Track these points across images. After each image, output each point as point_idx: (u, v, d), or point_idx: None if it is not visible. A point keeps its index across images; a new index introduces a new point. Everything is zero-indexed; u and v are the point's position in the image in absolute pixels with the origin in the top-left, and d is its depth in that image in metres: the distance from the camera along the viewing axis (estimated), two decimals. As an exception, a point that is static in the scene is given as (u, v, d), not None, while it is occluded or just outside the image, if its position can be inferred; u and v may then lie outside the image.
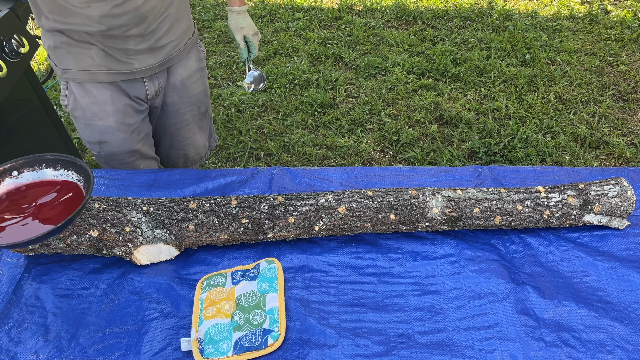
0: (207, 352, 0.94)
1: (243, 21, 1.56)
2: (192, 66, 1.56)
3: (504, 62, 3.29)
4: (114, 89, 1.41)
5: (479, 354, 0.95)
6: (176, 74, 1.52)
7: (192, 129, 1.70)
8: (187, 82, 1.57)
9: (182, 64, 1.52)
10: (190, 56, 1.54)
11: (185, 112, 1.63)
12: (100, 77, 1.37)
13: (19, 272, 1.12)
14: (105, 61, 1.35)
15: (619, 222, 1.17)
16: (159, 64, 1.43)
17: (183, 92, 1.58)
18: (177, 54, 1.47)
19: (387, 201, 1.14)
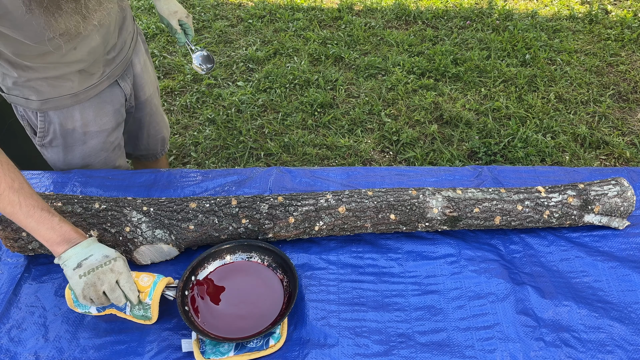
0: (208, 353, 0.94)
1: (174, 5, 1.53)
2: (142, 49, 1.54)
3: (504, 62, 3.29)
4: (96, 105, 1.36)
5: (479, 354, 0.95)
6: (136, 64, 1.49)
7: (160, 110, 1.70)
8: (145, 68, 1.54)
9: (136, 52, 1.49)
10: (139, 41, 1.52)
11: (152, 96, 1.61)
12: (82, 96, 1.31)
13: (19, 272, 1.12)
14: (81, 80, 1.29)
15: (619, 222, 1.17)
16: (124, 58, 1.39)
17: (146, 78, 1.56)
18: (134, 44, 1.45)
19: (387, 201, 1.14)
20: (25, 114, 1.34)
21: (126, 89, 1.45)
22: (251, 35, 3.70)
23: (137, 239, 1.09)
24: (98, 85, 1.34)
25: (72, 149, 1.40)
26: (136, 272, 1.01)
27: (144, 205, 1.13)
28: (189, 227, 1.11)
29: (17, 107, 1.34)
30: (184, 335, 0.99)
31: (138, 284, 0.98)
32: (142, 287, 0.98)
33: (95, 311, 1.00)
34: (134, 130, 1.65)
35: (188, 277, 1.04)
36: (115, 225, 1.09)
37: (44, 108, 1.29)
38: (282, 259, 1.07)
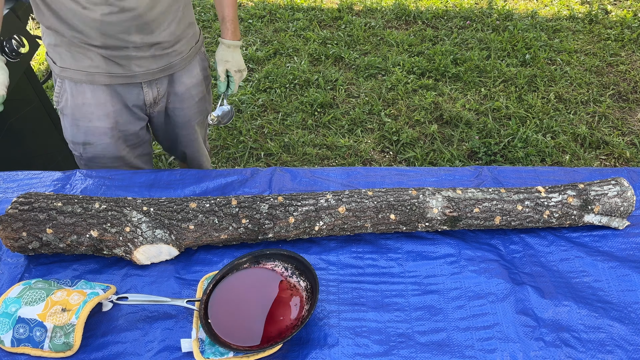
0: (207, 352, 0.94)
1: (230, 55, 1.51)
2: (197, 75, 1.53)
3: (504, 62, 3.29)
4: (109, 93, 1.39)
5: (479, 354, 0.96)
6: (180, 83, 1.49)
7: (197, 141, 1.68)
8: (193, 92, 1.53)
9: (186, 72, 1.48)
10: (194, 64, 1.51)
11: (194, 122, 1.60)
12: (97, 79, 1.35)
13: (19, 272, 1.12)
14: (104, 63, 1.32)
15: (619, 222, 1.17)
16: (160, 69, 1.40)
17: (190, 101, 1.54)
18: (179, 62, 1.44)
19: (387, 201, 1.14)
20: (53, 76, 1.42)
21: (148, 95, 1.44)
22: (251, 35, 3.70)
23: (137, 239, 1.09)
24: (116, 77, 1.36)
25: (78, 123, 1.43)
26: (67, 290, 0.98)
27: (144, 205, 1.13)
28: (189, 227, 1.11)
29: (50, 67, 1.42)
30: (184, 335, 0.99)
31: (67, 302, 0.95)
32: (70, 304, 0.94)
33: (8, 344, 0.94)
34: (173, 140, 1.66)
35: (211, 289, 1.03)
36: (115, 225, 1.09)
37: (62, 75, 1.36)
38: (304, 265, 1.06)
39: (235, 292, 1.03)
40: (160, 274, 1.11)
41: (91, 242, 1.09)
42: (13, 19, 1.72)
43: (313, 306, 0.97)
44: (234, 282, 1.05)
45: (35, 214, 1.09)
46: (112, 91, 1.39)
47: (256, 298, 1.03)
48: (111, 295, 1.02)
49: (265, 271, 1.08)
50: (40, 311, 0.94)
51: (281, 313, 1.00)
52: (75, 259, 1.15)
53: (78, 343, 0.94)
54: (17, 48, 1.68)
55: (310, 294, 1.02)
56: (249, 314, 1.00)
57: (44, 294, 0.97)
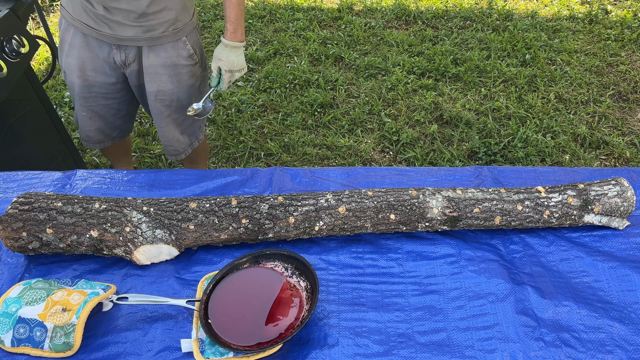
0: (207, 353, 0.94)
1: (224, 54, 1.57)
2: (167, 59, 1.60)
3: (504, 62, 3.29)
4: (85, 40, 1.56)
5: (479, 354, 0.96)
6: (146, 58, 1.59)
7: (164, 119, 1.75)
8: (159, 71, 1.62)
9: (154, 50, 1.58)
10: (164, 47, 1.58)
11: (156, 100, 1.68)
12: (76, 24, 1.53)
13: (19, 272, 1.12)
14: (81, 15, 1.51)
15: (619, 222, 1.17)
16: (124, 37, 1.53)
17: (154, 79, 1.63)
18: (146, 39, 1.54)
19: (387, 201, 1.14)
20: None
21: (117, 57, 1.59)
22: (251, 35, 3.70)
23: (137, 239, 1.09)
24: (90, 29, 1.53)
25: (62, 52, 1.63)
26: (68, 290, 0.99)
27: (144, 205, 1.13)
28: (189, 227, 1.11)
29: None
30: (184, 335, 0.99)
31: (68, 302, 0.95)
32: (70, 304, 0.94)
33: (8, 344, 0.94)
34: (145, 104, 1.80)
35: (211, 289, 1.03)
36: (115, 225, 1.09)
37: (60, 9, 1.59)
38: (305, 265, 1.06)
39: (235, 292, 1.03)
40: (160, 274, 1.11)
41: (91, 242, 1.09)
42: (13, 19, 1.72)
43: (313, 306, 0.97)
44: (234, 282, 1.05)
45: (35, 214, 1.09)
46: (87, 40, 1.56)
47: (256, 298, 1.03)
48: (111, 295, 1.02)
49: (265, 271, 1.08)
50: (40, 311, 0.94)
51: (281, 313, 1.00)
52: (75, 259, 1.15)
53: (78, 343, 0.94)
54: (17, 48, 1.68)
55: (310, 294, 1.02)
56: (249, 314, 1.00)
57: (44, 294, 0.97)
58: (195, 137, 1.91)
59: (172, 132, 1.80)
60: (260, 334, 0.96)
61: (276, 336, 0.96)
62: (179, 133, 1.82)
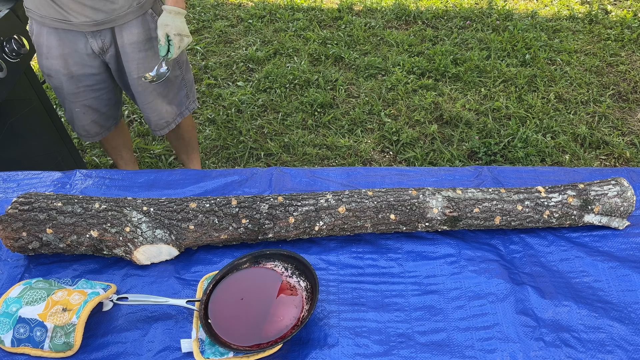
0: (207, 353, 0.94)
1: (170, 19, 1.58)
2: (140, 35, 1.65)
3: (504, 62, 3.29)
4: (60, 37, 1.58)
5: (479, 354, 0.96)
6: (120, 38, 1.64)
7: (150, 95, 1.80)
8: (135, 48, 1.66)
9: (125, 29, 1.63)
10: (134, 23, 1.63)
11: (138, 78, 1.72)
12: (47, 22, 1.55)
13: (19, 272, 1.12)
14: (48, 10, 1.52)
15: (619, 222, 1.17)
16: (94, 23, 1.56)
17: (132, 57, 1.68)
18: (115, 18, 1.58)
19: (387, 201, 1.14)
20: None
21: (94, 45, 1.63)
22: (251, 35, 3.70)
23: (137, 239, 1.09)
24: (60, 23, 1.55)
25: (41, 58, 1.65)
26: (68, 290, 0.99)
27: (144, 205, 1.13)
28: (189, 227, 1.11)
29: None
30: (184, 335, 0.99)
31: (68, 302, 0.95)
32: (71, 304, 0.95)
33: (8, 344, 0.95)
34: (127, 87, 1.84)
35: (211, 289, 1.03)
36: (115, 225, 1.09)
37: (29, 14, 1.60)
38: (304, 265, 1.06)
39: (235, 292, 1.03)
40: (160, 274, 1.11)
41: (91, 242, 1.09)
42: (13, 19, 1.72)
43: (313, 306, 0.97)
44: (234, 282, 1.05)
45: (35, 214, 1.09)
46: (62, 36, 1.59)
47: (256, 298, 1.03)
48: (112, 294, 1.02)
49: (265, 271, 1.08)
50: (40, 311, 0.94)
51: (281, 313, 1.00)
52: (75, 259, 1.15)
53: (78, 343, 0.94)
54: (17, 48, 1.68)
55: (310, 294, 1.02)
56: (249, 314, 1.00)
57: (44, 294, 0.97)
58: (184, 106, 1.96)
59: (159, 104, 1.85)
60: (260, 334, 0.96)
61: (276, 336, 0.96)
62: (167, 104, 1.87)
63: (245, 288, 1.04)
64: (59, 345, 0.93)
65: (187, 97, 1.96)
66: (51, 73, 1.67)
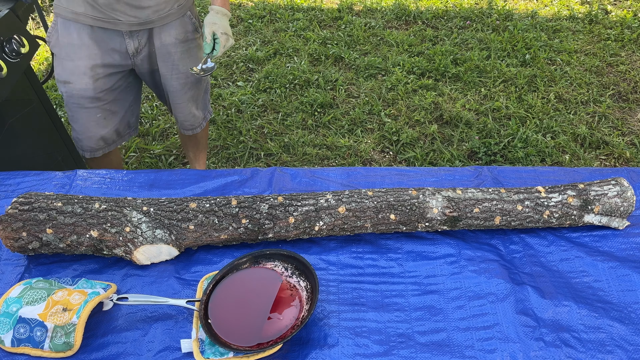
0: (207, 353, 0.94)
1: (218, 19, 1.61)
2: (178, 35, 1.66)
3: (504, 62, 3.29)
4: (94, 35, 1.55)
5: (479, 354, 0.96)
6: (158, 39, 1.63)
7: (181, 97, 1.81)
8: (172, 50, 1.67)
9: (165, 30, 1.63)
10: (173, 24, 1.63)
11: (172, 78, 1.73)
12: (83, 19, 1.51)
13: (19, 272, 1.12)
14: (86, 8, 1.49)
15: (619, 222, 1.17)
16: (138, 22, 1.55)
17: (167, 59, 1.68)
18: (157, 19, 1.58)
19: (387, 201, 1.14)
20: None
21: (130, 45, 1.61)
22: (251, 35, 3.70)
23: (137, 239, 1.09)
24: (98, 20, 1.52)
25: (63, 62, 1.59)
26: (68, 290, 0.98)
27: (144, 205, 1.13)
28: (189, 227, 1.11)
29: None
30: (184, 336, 0.99)
31: (68, 302, 0.95)
32: (71, 304, 0.95)
33: (8, 344, 0.95)
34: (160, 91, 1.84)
35: (211, 289, 1.03)
36: (115, 225, 1.09)
37: (55, 12, 1.54)
38: (304, 265, 1.06)
39: (235, 292, 1.03)
40: (160, 274, 1.11)
41: (91, 242, 1.09)
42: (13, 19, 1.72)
43: (313, 306, 0.97)
44: (234, 282, 1.05)
45: (35, 214, 1.09)
46: (96, 34, 1.55)
47: (256, 298, 1.03)
48: (112, 294, 1.02)
49: (265, 271, 1.08)
50: (41, 311, 0.94)
51: (281, 313, 1.00)
52: (75, 259, 1.15)
53: (79, 343, 0.94)
54: (17, 48, 1.68)
55: (310, 294, 1.02)
56: (249, 314, 1.00)
57: (44, 294, 0.97)
58: (207, 111, 2.00)
59: (189, 108, 1.86)
60: (260, 334, 0.96)
61: (276, 336, 0.96)
62: (195, 108, 1.90)
63: (245, 288, 1.04)
64: (59, 345, 0.93)
65: (208, 102, 2.01)
66: (72, 78, 1.60)
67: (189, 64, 1.73)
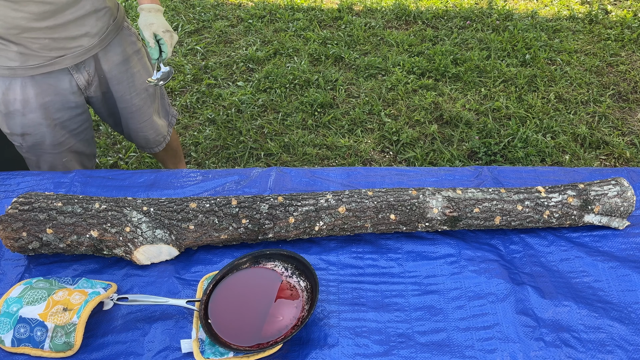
0: (207, 353, 0.94)
1: (154, 18, 1.47)
2: (124, 52, 1.56)
3: (504, 62, 3.29)
4: (38, 84, 1.42)
5: (479, 354, 0.96)
6: (106, 62, 1.52)
7: (145, 112, 1.71)
8: (122, 69, 1.56)
9: (109, 50, 1.52)
10: (116, 41, 1.53)
11: (131, 97, 1.63)
12: (19, 72, 1.38)
13: (19, 272, 1.12)
14: (22, 57, 1.35)
15: (619, 222, 1.17)
16: (81, 52, 1.44)
17: (121, 79, 1.58)
18: (99, 42, 1.47)
19: (387, 201, 1.14)
20: None
21: (80, 80, 1.49)
22: (251, 35, 3.70)
23: (137, 239, 1.09)
24: (39, 68, 1.39)
25: (13, 116, 1.46)
26: (69, 290, 0.99)
27: (144, 205, 1.13)
28: (189, 227, 1.11)
29: None
30: (184, 336, 0.99)
31: (69, 301, 0.95)
32: (71, 304, 0.95)
33: (8, 344, 0.95)
34: (117, 118, 1.71)
35: (211, 290, 1.03)
36: (115, 225, 1.09)
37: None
38: (304, 265, 1.06)
39: (235, 292, 1.03)
40: (160, 274, 1.11)
41: (91, 242, 1.09)
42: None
43: (313, 306, 0.97)
44: (234, 282, 1.05)
45: (35, 214, 1.09)
46: (41, 83, 1.42)
47: (256, 298, 1.03)
48: (112, 293, 1.02)
49: (265, 271, 1.08)
50: (41, 311, 0.94)
51: (281, 313, 1.00)
52: (75, 259, 1.15)
53: (79, 343, 0.94)
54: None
55: (310, 294, 1.02)
56: (249, 314, 1.00)
57: (45, 294, 0.97)
58: (170, 116, 1.89)
59: (155, 119, 1.77)
60: (260, 334, 0.96)
61: (276, 336, 0.96)
62: (158, 118, 1.80)
63: (246, 288, 1.05)
64: (59, 345, 0.93)
65: (169, 106, 1.90)
66: (29, 130, 1.49)
67: (144, 76, 1.63)
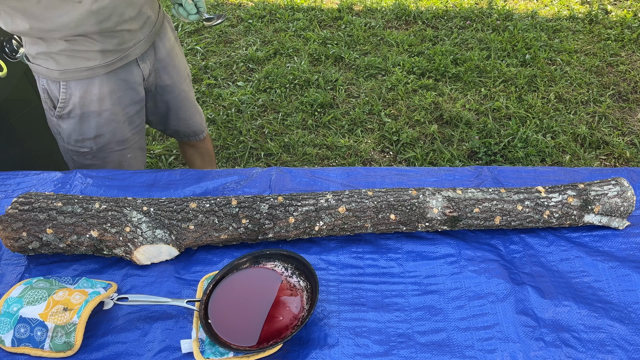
0: (207, 353, 0.94)
1: None
2: (171, 37, 1.60)
3: (504, 62, 3.29)
4: (113, 81, 1.43)
5: (479, 354, 0.96)
6: (162, 48, 1.56)
7: (192, 98, 1.76)
8: (172, 54, 1.60)
9: (161, 36, 1.55)
10: (166, 26, 1.57)
11: (180, 83, 1.67)
12: (98, 70, 1.39)
13: (19, 273, 1.12)
14: (102, 55, 1.37)
15: (619, 222, 1.17)
16: (146, 39, 1.46)
17: (171, 64, 1.61)
18: (158, 26, 1.51)
19: (387, 201, 1.14)
20: (47, 86, 1.42)
21: (145, 69, 1.51)
22: (251, 35, 3.70)
23: (137, 239, 1.09)
24: (116, 62, 1.41)
25: (88, 119, 1.46)
26: (69, 289, 0.99)
27: (144, 205, 1.13)
28: (189, 227, 1.11)
29: (39, 78, 1.42)
30: (184, 336, 0.99)
31: (69, 301, 0.95)
32: (72, 304, 0.95)
33: (8, 344, 0.94)
34: (163, 111, 1.72)
35: (211, 290, 1.03)
36: (115, 225, 1.09)
37: (64, 78, 1.38)
38: (304, 265, 1.06)
39: (235, 292, 1.03)
40: (160, 274, 1.11)
41: (91, 242, 1.09)
42: (13, 19, 1.71)
43: (313, 306, 0.97)
44: (234, 282, 1.05)
45: (35, 214, 1.09)
46: (115, 78, 1.44)
47: (256, 298, 1.03)
48: (112, 293, 1.02)
49: (265, 271, 1.08)
50: (41, 311, 0.94)
51: (281, 313, 1.00)
52: (75, 259, 1.15)
53: (79, 343, 0.94)
54: (17, 48, 1.68)
55: (310, 294, 1.02)
56: (249, 314, 1.00)
57: (45, 294, 0.97)
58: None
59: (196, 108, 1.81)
60: (260, 334, 0.96)
61: (276, 336, 0.96)
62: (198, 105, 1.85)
63: (245, 288, 1.05)
64: (59, 345, 0.93)
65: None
66: (102, 130, 1.47)
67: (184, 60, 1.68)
